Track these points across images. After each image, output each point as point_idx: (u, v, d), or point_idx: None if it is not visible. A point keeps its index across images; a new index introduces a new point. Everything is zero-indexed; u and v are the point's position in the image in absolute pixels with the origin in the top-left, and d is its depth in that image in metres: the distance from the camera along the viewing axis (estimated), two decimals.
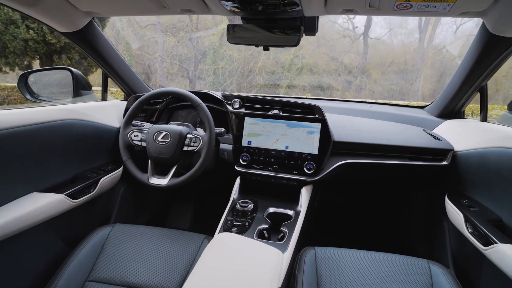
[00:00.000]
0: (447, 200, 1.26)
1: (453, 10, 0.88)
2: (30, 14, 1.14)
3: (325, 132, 1.30)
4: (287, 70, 9.92)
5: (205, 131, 1.25)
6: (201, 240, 1.17)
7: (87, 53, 1.41)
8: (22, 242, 1.07)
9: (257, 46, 1.15)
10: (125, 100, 1.75)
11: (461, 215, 1.11)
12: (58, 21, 1.22)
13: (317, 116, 1.32)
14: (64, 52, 7.62)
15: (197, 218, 2.07)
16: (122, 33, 9.21)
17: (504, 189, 1.02)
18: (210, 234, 1.22)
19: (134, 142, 1.28)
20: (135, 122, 1.39)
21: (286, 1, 0.93)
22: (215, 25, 10.14)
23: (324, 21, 9.16)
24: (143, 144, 1.27)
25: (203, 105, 1.25)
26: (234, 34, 1.15)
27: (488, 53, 1.13)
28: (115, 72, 1.56)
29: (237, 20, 1.18)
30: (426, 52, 9.17)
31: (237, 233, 1.11)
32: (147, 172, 1.25)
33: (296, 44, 1.06)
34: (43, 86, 1.51)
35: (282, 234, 1.14)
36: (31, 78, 1.45)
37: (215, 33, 9.87)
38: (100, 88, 1.64)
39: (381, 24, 9.97)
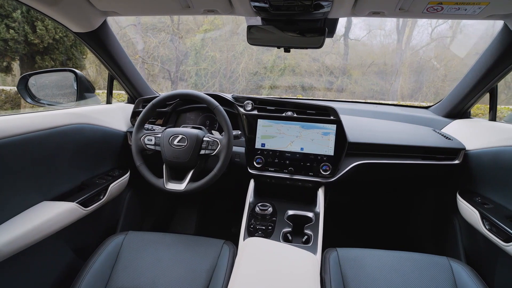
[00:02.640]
0: (459, 198, 1.29)
1: (482, 13, 0.90)
2: (48, 14, 1.08)
3: (341, 133, 1.31)
4: (270, 71, 9.92)
5: (220, 134, 1.21)
6: (221, 245, 1.14)
7: (97, 54, 1.35)
8: (35, 253, 1.01)
9: (278, 47, 1.14)
10: (129, 103, 1.69)
11: (477, 212, 1.14)
12: (75, 21, 1.16)
13: (332, 117, 1.33)
14: (47, 53, 7.21)
15: (202, 221, 2.03)
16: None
17: None
18: (223, 238, 1.19)
19: (148, 146, 1.23)
20: (145, 125, 1.35)
21: (316, 3, 0.92)
22: (197, 26, 10.01)
23: None
24: (157, 148, 1.22)
25: (220, 107, 1.22)
26: (254, 35, 1.13)
27: (509, 54, 1.16)
28: (123, 74, 1.51)
29: (256, 21, 1.16)
30: (404, 53, 9.46)
31: (262, 237, 1.09)
32: (161, 177, 1.21)
33: (320, 46, 1.06)
34: (43, 89, 1.42)
35: (306, 236, 1.13)
36: (32, 81, 1.36)
37: (198, 34, 9.76)
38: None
39: (360, 26, 10.17)
